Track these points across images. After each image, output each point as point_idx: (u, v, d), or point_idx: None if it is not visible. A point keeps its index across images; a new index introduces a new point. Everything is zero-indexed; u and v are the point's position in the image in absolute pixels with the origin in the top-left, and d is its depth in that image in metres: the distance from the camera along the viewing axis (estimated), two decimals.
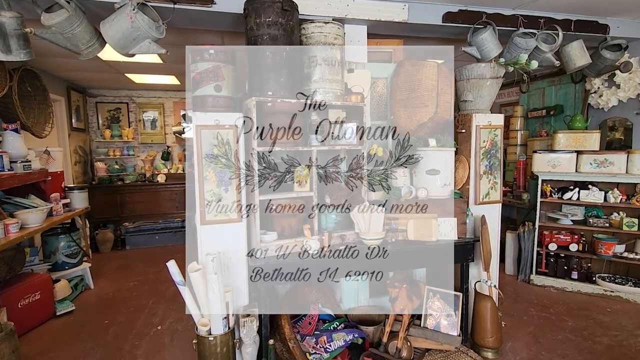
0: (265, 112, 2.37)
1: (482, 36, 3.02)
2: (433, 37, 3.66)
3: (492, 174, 2.93)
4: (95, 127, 6.27)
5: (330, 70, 2.57)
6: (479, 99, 2.94)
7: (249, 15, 2.35)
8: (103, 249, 5.75)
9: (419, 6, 3.00)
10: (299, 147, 2.48)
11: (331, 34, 2.55)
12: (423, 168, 2.85)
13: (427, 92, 2.82)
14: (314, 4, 2.75)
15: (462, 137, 2.98)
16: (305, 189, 2.55)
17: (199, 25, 2.92)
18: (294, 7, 2.40)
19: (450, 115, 2.90)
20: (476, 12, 3.12)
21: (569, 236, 4.03)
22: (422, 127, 2.92)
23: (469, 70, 2.93)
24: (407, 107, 2.91)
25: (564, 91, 4.64)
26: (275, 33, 2.31)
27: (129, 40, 2.35)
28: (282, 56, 2.33)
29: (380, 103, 3.15)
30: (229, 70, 2.33)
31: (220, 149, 2.29)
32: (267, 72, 2.32)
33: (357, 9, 2.85)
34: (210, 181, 2.29)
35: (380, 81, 3.13)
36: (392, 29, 3.16)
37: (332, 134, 2.73)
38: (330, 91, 2.58)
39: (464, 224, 2.80)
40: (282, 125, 2.36)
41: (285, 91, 2.36)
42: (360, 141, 2.69)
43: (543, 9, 3.25)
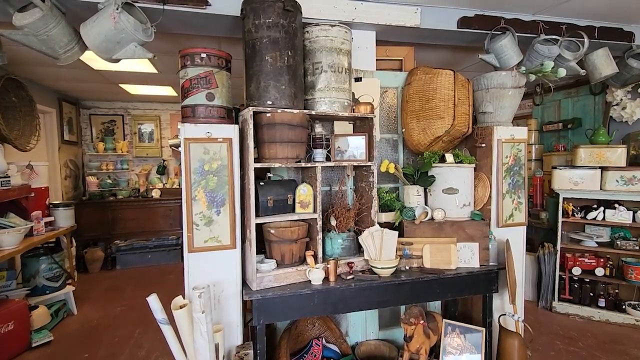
0: (263, 123, 2.09)
1: (501, 42, 2.77)
2: (445, 45, 3.43)
3: (515, 193, 2.64)
4: (89, 139, 6.02)
5: (337, 78, 2.31)
6: (499, 111, 2.67)
7: (247, 17, 2.11)
8: (92, 268, 5.42)
9: (432, 10, 2.77)
10: (301, 163, 2.20)
11: (338, 38, 2.30)
12: (439, 186, 2.56)
13: (442, 103, 2.56)
14: (318, 6, 2.52)
15: (482, 152, 2.70)
16: (309, 210, 2.26)
17: (194, 30, 2.68)
18: (297, 8, 2.15)
19: (469, 128, 2.63)
20: (494, 17, 2.88)
21: (594, 259, 3.70)
22: (438, 141, 2.64)
23: (488, 79, 2.67)
24: (420, 119, 2.64)
25: (581, 103, 4.38)
26: (275, 36, 2.05)
27: (112, 44, 2.09)
28: (283, 61, 2.07)
29: (390, 115, 2.88)
30: (223, 76, 2.07)
31: (212, 165, 2.01)
32: (267, 79, 2.06)
33: (365, 13, 2.61)
34: (199, 202, 2.00)
35: (390, 91, 2.87)
36: (403, 35, 2.92)
37: (338, 148, 2.46)
38: (336, 101, 2.31)
39: (487, 250, 2.49)
40: (282, 138, 2.09)
41: (287, 100, 2.10)
42: (369, 156, 2.41)
43: (565, 15, 3.01)
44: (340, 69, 2.31)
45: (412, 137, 2.69)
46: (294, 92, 2.12)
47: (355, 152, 2.45)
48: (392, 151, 2.88)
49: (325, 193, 2.65)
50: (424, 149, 2.71)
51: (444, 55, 3.79)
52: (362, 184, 2.56)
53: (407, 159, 2.92)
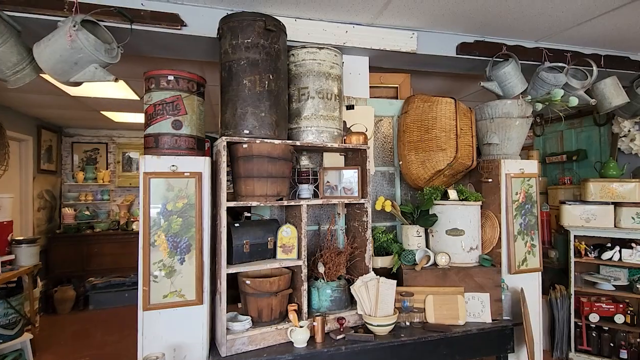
0: (240, 156, 1.81)
1: (504, 70, 2.57)
2: (442, 73, 3.24)
3: (528, 235, 2.34)
4: (69, 168, 5.72)
5: (326, 105, 2.06)
6: (506, 142, 2.42)
7: (224, 36, 1.88)
8: (61, 309, 4.94)
9: (429, 35, 2.58)
10: (283, 202, 1.89)
11: (327, 62, 2.07)
12: (442, 227, 2.26)
13: (443, 133, 2.31)
14: (306, 29, 2.31)
15: (488, 188, 2.42)
16: (292, 256, 1.94)
17: (171, 53, 2.46)
18: (281, 28, 1.93)
19: (473, 161, 2.36)
20: (495, 43, 2.70)
21: (613, 305, 3.34)
22: (439, 175, 2.37)
23: (493, 108, 2.44)
24: (419, 151, 2.38)
25: (586, 134, 4.19)
26: (255, 57, 1.81)
27: (68, 65, 1.84)
28: (263, 86, 1.82)
29: (385, 146, 2.62)
30: (194, 102, 1.81)
31: (177, 204, 1.71)
32: (244, 106, 1.80)
33: (357, 37, 2.41)
34: (159, 248, 1.67)
35: (386, 120, 2.63)
36: (398, 61, 2.72)
37: (327, 183, 2.17)
38: (325, 130, 2.05)
39: (499, 301, 2.15)
40: (261, 173, 1.80)
41: (267, 129, 1.83)
42: (362, 193, 2.12)
43: (569, 42, 2.84)
44: (329, 95, 2.07)
45: (411, 171, 2.42)
46: (275, 120, 1.86)
47: (347, 188, 2.16)
48: (388, 186, 2.60)
49: (313, 233, 2.33)
50: (424, 183, 2.43)
51: (441, 83, 3.60)
52: (354, 223, 2.25)
53: (405, 195, 2.63)
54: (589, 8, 2.24)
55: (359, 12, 2.28)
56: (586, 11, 2.28)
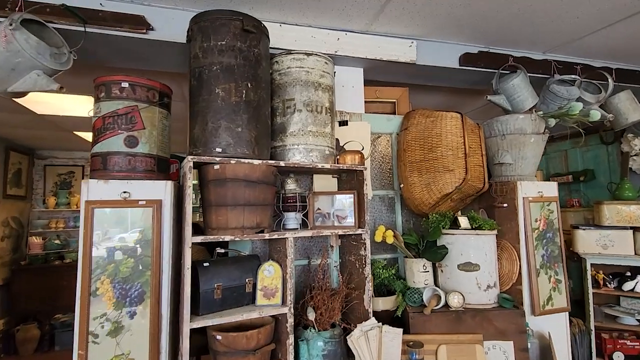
0: (210, 179, 1.49)
1: (512, 82, 2.32)
2: (442, 88, 3.00)
3: (552, 268, 2.02)
4: (41, 193, 5.30)
5: (315, 120, 1.76)
6: (520, 162, 2.14)
7: (194, 38, 1.59)
8: (24, 350, 4.41)
9: (430, 45, 2.34)
10: (264, 234, 1.55)
11: (316, 70, 1.79)
12: (453, 260, 1.93)
13: (450, 152, 2.02)
14: (293, 35, 2.05)
15: (503, 215, 2.11)
16: (275, 301, 1.58)
17: (138, 63, 2.16)
18: (262, 30, 1.65)
19: (485, 184, 2.07)
20: (501, 54, 2.47)
21: (638, 342, 3.00)
22: (446, 199, 2.06)
23: (504, 124, 2.17)
24: (422, 172, 2.08)
25: (592, 154, 3.95)
26: (230, 62, 1.52)
27: (4, 71, 1.52)
28: (240, 96, 1.52)
29: (384, 166, 2.32)
30: (154, 114, 1.49)
31: (129, 240, 1.36)
32: (216, 119, 1.49)
33: (351, 45, 2.15)
34: (103, 298, 1.31)
35: (383, 137, 2.34)
36: (396, 72, 2.47)
37: (318, 211, 1.84)
38: (314, 149, 1.74)
39: (525, 351, 1.80)
40: (236, 200, 1.47)
41: (244, 147, 1.51)
42: (359, 222, 1.80)
43: (579, 55, 2.63)
44: (319, 108, 1.77)
45: (414, 195, 2.11)
46: (255, 136, 1.55)
47: (341, 216, 1.83)
48: (387, 212, 2.28)
49: (302, 269, 1.98)
50: (429, 209, 2.12)
51: (441, 99, 3.36)
52: (350, 257, 1.91)
53: (407, 222, 2.31)
54: (607, 13, 2.02)
55: (351, 17, 2.03)
56: (603, 17, 2.07)
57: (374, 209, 2.24)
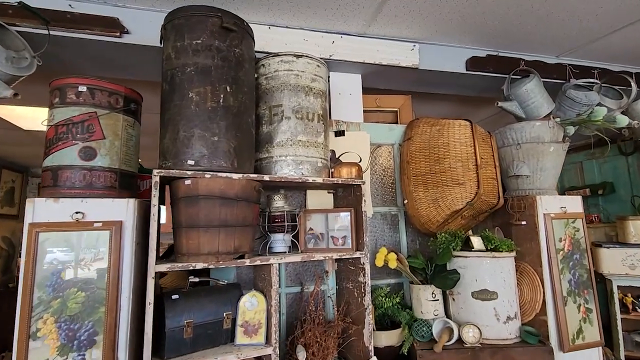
0: (181, 196, 1.28)
1: (525, 87, 2.12)
2: (447, 96, 2.81)
3: (581, 295, 1.76)
4: None
5: (306, 129, 1.56)
6: (539, 173, 1.91)
7: (167, 38, 1.41)
8: None
9: (433, 48, 2.15)
10: (245, 261, 1.33)
11: (306, 74, 1.60)
12: (466, 287, 1.68)
13: (459, 164, 1.80)
14: (283, 38, 1.88)
15: (521, 234, 1.87)
16: (258, 340, 1.34)
17: (114, 71, 2.00)
18: (244, 29, 1.48)
19: (499, 198, 1.84)
20: (511, 58, 2.28)
21: None
22: (456, 216, 1.83)
23: (518, 132, 1.96)
24: (428, 186, 1.86)
25: (610, 165, 3.70)
26: (206, 63, 1.34)
27: None
28: (217, 100, 1.33)
29: (385, 180, 2.10)
30: (118, 123, 1.30)
31: (80, 270, 1.14)
32: (188, 127, 1.29)
33: (347, 49, 1.97)
34: (46, 341, 1.09)
35: (384, 149, 2.13)
36: (397, 79, 2.28)
37: (311, 231, 1.62)
38: (305, 161, 1.54)
39: None
40: (210, 220, 1.25)
41: (222, 159, 1.31)
42: (358, 243, 1.57)
43: (595, 58, 2.43)
44: (310, 115, 1.58)
45: (419, 212, 1.88)
46: (234, 146, 1.35)
47: (337, 237, 1.61)
48: (390, 231, 2.04)
49: (294, 298, 1.75)
50: (437, 228, 1.89)
51: (446, 108, 3.17)
52: (348, 284, 1.68)
53: (413, 242, 2.07)
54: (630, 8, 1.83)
55: (347, 17, 1.86)
56: (623, 14, 1.87)
57: (375, 228, 2.01)
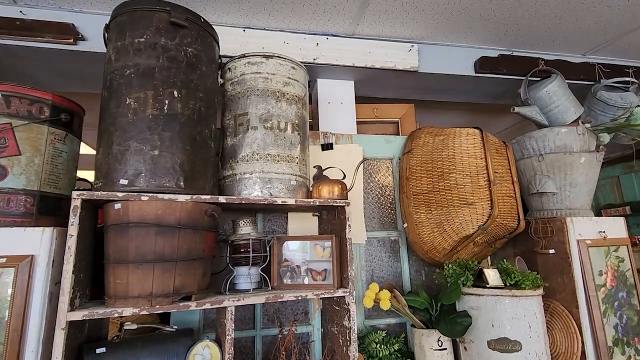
0: (110, 224, 1.04)
1: (546, 89, 1.81)
2: (454, 105, 2.51)
3: (631, 344, 1.38)
4: None
5: (276, 140, 1.31)
6: (568, 190, 1.57)
7: (109, 39, 1.22)
8: None
9: (435, 49, 1.89)
10: (190, 304, 1.06)
11: (278, 77, 1.37)
12: (481, 334, 1.34)
13: (468, 179, 1.49)
14: (260, 41, 1.67)
15: (549, 264, 1.52)
16: None
17: (74, 84, 1.82)
18: (200, 26, 1.26)
19: (520, 221, 1.51)
20: (528, 57, 1.98)
21: None
22: (466, 243, 1.51)
23: (540, 141, 1.64)
24: (432, 207, 1.55)
25: None
26: (148, 64, 1.12)
27: None
28: (160, 107, 1.10)
29: (383, 200, 1.81)
30: (41, 136, 1.10)
31: None
32: (124, 139, 1.07)
33: (334, 51, 1.74)
34: None
35: (382, 164, 1.85)
36: (396, 85, 2.02)
37: (285, 263, 1.35)
38: (275, 178, 1.28)
39: None
40: (143, 254, 1.00)
41: (165, 178, 1.07)
42: (341, 278, 1.28)
43: (629, 55, 2.10)
44: (282, 124, 1.33)
45: (422, 237, 1.57)
46: (181, 162, 1.11)
47: (317, 270, 1.32)
48: (390, 260, 1.73)
49: (272, 341, 1.45)
50: (444, 257, 1.57)
51: (455, 119, 2.86)
52: (333, 327, 1.37)
53: (418, 273, 1.75)
54: None
55: (331, 15, 1.63)
56: None
57: (371, 256, 1.71)
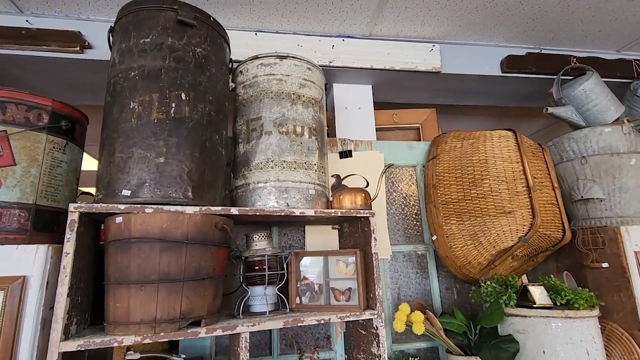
0: (110, 240, 0.93)
1: (582, 87, 1.66)
2: (480, 109, 2.38)
3: None
4: None
5: (293, 146, 1.20)
6: (618, 195, 1.41)
7: (114, 42, 1.14)
8: None
9: (458, 48, 1.78)
10: (198, 330, 0.93)
11: (293, 78, 1.27)
12: None
13: (504, 185, 1.35)
14: (272, 45, 1.58)
15: (601, 280, 1.35)
16: None
17: (80, 94, 1.76)
18: (210, 25, 1.18)
19: (565, 231, 1.35)
20: (558, 55, 1.85)
21: None
22: (504, 257, 1.35)
23: (581, 142, 1.49)
24: (464, 217, 1.41)
25: None
26: (154, 66, 1.04)
27: None
28: (166, 111, 1.01)
29: (407, 211, 1.67)
30: (39, 144, 1.01)
31: None
32: (127, 146, 0.97)
33: (350, 53, 1.64)
34: None
35: (405, 172, 1.72)
36: (416, 89, 1.91)
37: (304, 282, 1.22)
38: (292, 187, 1.16)
39: None
40: (147, 273, 0.89)
41: (172, 188, 0.96)
42: (368, 299, 1.13)
43: None
44: (298, 129, 1.22)
45: (454, 251, 1.42)
46: (189, 170, 1.00)
47: (340, 289, 1.18)
48: (417, 277, 1.58)
49: None
50: (479, 273, 1.41)
51: (478, 124, 2.72)
52: (359, 354, 1.22)
53: (449, 290, 1.59)
54: None
55: (347, 15, 1.54)
56: None
57: (397, 272, 1.56)
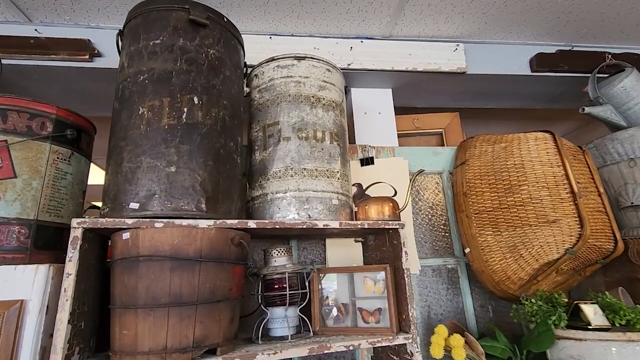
0: (117, 258, 0.84)
1: (622, 84, 1.54)
2: (508, 112, 2.26)
3: None
4: None
5: (314, 152, 1.10)
6: None
7: (123, 46, 1.08)
8: None
9: (484, 47, 1.68)
10: (216, 357, 0.83)
11: (312, 80, 1.18)
12: None
13: (546, 191, 1.23)
14: (286, 49, 1.50)
15: None
16: None
17: (90, 104, 1.70)
18: (223, 26, 1.11)
19: (617, 241, 1.21)
20: (592, 52, 1.73)
21: None
22: (548, 272, 1.22)
23: (627, 143, 1.36)
24: (501, 227, 1.28)
25: None
26: (165, 68, 0.96)
27: None
28: (178, 116, 0.93)
29: (434, 222, 1.55)
30: (40, 155, 0.94)
31: None
32: (135, 155, 0.89)
33: (369, 55, 1.55)
34: None
35: (430, 180, 1.60)
36: (439, 92, 1.81)
37: (327, 301, 1.10)
38: (313, 197, 1.06)
39: None
40: (156, 296, 0.79)
41: (182, 199, 0.88)
42: (401, 321, 1.01)
43: None
44: (318, 134, 1.13)
45: (491, 265, 1.29)
46: (202, 180, 0.91)
47: (368, 309, 1.07)
48: (448, 293, 1.44)
49: None
50: (520, 288, 1.27)
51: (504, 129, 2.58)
52: None
53: (484, 308, 1.45)
54: None
55: (365, 15, 1.46)
56: None
57: (426, 289, 1.43)
